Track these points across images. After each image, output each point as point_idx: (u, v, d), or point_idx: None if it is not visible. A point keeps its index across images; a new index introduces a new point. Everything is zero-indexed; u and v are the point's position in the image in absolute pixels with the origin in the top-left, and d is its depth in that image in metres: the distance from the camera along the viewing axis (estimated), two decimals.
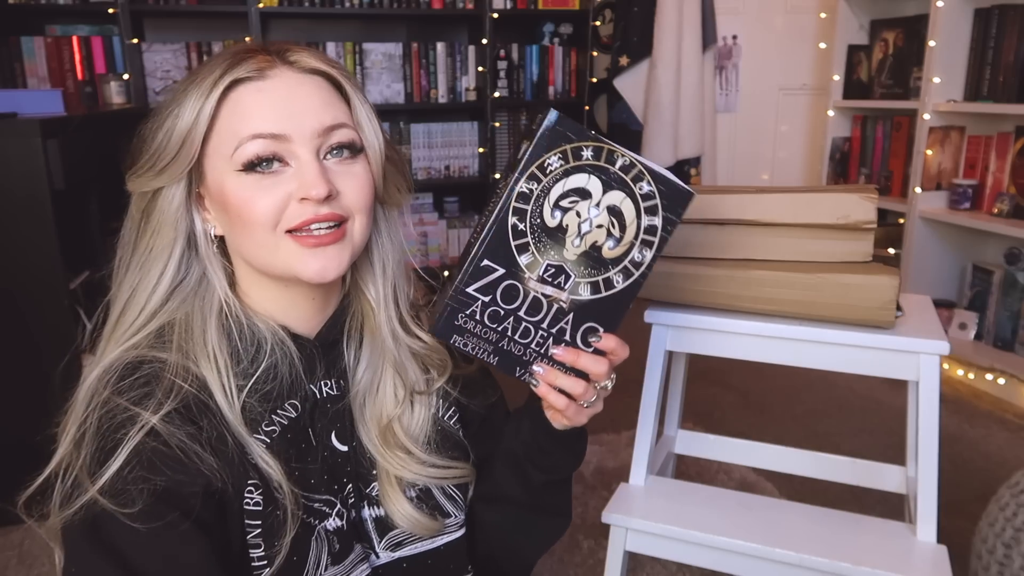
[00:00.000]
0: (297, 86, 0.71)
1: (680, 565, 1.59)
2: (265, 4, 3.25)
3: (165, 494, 0.65)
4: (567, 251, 0.71)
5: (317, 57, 0.73)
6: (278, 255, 0.72)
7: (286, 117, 0.70)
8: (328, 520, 0.77)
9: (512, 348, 0.73)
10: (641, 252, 0.72)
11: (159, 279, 0.74)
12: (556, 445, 0.82)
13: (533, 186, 0.69)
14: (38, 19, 3.16)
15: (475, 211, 3.86)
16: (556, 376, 0.73)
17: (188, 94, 0.70)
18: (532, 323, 0.72)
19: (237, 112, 0.70)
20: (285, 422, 0.76)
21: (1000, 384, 2.53)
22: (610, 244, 0.72)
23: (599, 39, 3.90)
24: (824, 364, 1.16)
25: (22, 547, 1.70)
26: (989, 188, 2.74)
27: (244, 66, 0.70)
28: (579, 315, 0.73)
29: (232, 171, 0.70)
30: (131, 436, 0.66)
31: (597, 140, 0.70)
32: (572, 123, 0.70)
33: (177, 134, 0.70)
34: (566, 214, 0.70)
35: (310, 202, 0.70)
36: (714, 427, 2.18)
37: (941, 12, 2.71)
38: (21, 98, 2.19)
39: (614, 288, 0.73)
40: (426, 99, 3.61)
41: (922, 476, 1.12)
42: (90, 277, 2.00)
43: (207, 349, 0.73)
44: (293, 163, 0.70)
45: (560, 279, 0.71)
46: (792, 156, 3.86)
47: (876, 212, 1.14)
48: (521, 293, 0.71)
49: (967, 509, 1.65)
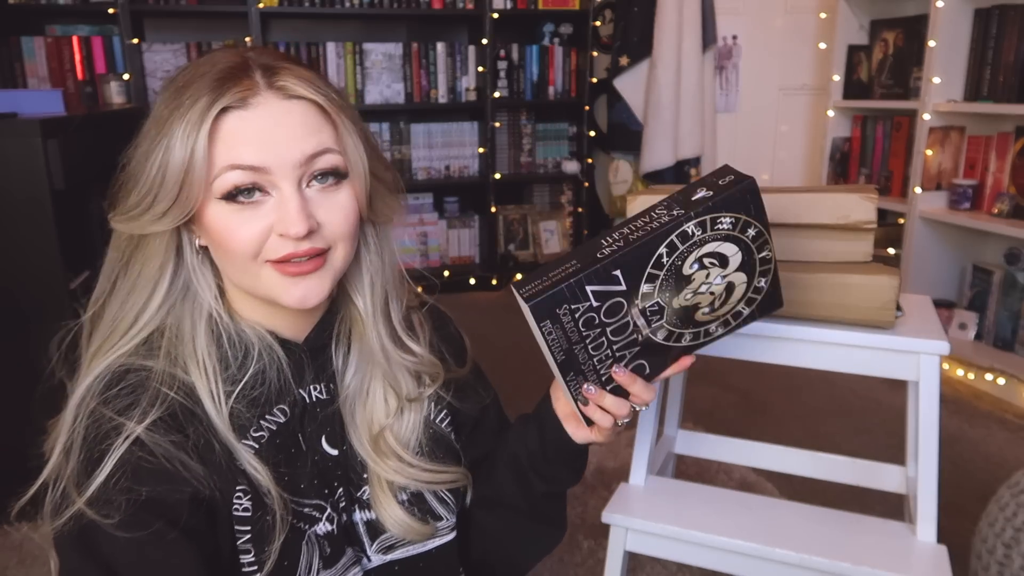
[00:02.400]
0: (282, 115, 0.68)
1: (680, 565, 1.59)
2: (265, 4, 3.25)
3: (151, 504, 0.65)
4: (677, 299, 0.73)
5: (304, 82, 0.70)
6: (259, 282, 0.72)
7: (267, 148, 0.67)
8: (319, 525, 0.77)
9: (580, 354, 0.73)
10: (717, 327, 0.76)
11: (150, 297, 0.73)
12: (562, 458, 0.83)
13: (698, 232, 0.70)
14: (38, 19, 3.16)
15: (475, 211, 3.86)
16: (604, 397, 0.76)
17: (174, 125, 0.67)
18: (608, 340, 0.73)
19: (218, 139, 0.68)
20: (274, 427, 0.76)
21: (1000, 384, 2.53)
22: (706, 310, 0.75)
23: (599, 39, 3.90)
24: (824, 364, 1.16)
25: (22, 547, 1.70)
26: (989, 188, 2.74)
27: (229, 93, 0.67)
28: (642, 351, 0.75)
29: (212, 198, 0.69)
30: (116, 447, 0.66)
31: (765, 227, 0.73)
32: (759, 199, 0.72)
33: (173, 173, 0.67)
34: (700, 270, 0.72)
35: (288, 238, 0.69)
36: (714, 427, 2.18)
37: (941, 12, 2.71)
38: (21, 98, 2.19)
39: (679, 344, 0.76)
40: (426, 99, 3.61)
41: (922, 476, 1.12)
42: (90, 277, 2.00)
43: (196, 355, 0.72)
44: (274, 193, 0.69)
45: (654, 318, 0.73)
46: (792, 156, 3.86)
47: (876, 212, 1.14)
48: (623, 313, 0.72)
49: (967, 509, 1.65)
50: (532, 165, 3.90)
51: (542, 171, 3.93)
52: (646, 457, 1.31)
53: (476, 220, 3.85)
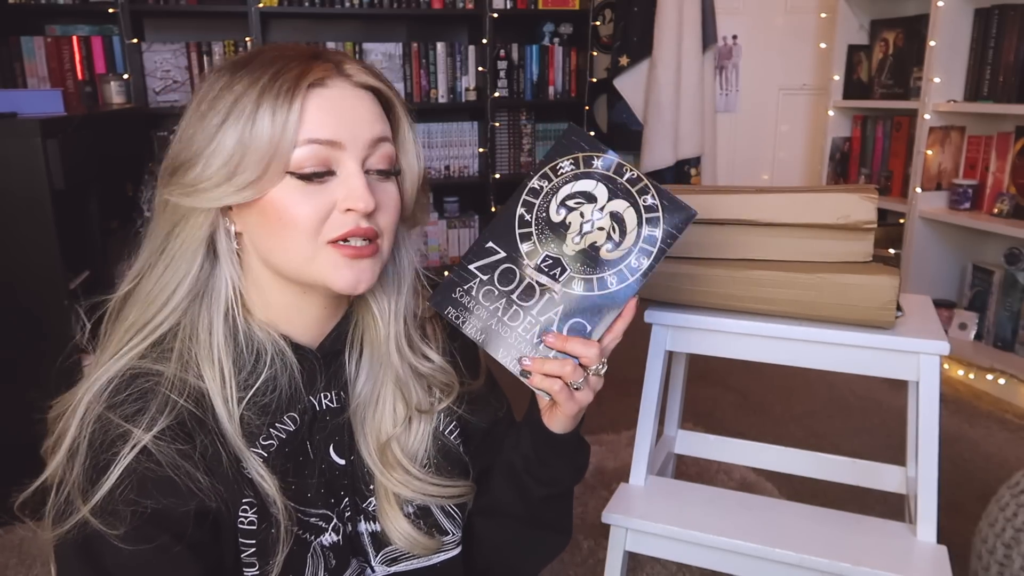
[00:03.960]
0: (353, 98, 0.71)
1: (680, 565, 1.59)
2: (265, 4, 3.25)
3: (155, 517, 0.64)
4: (567, 246, 0.75)
5: (370, 72, 0.73)
6: (314, 264, 0.70)
7: (343, 124, 0.69)
8: (324, 535, 0.76)
9: (500, 329, 0.75)
10: (639, 259, 0.75)
11: (181, 281, 0.72)
12: (555, 455, 0.81)
13: (544, 184, 0.76)
14: (38, 19, 3.16)
15: (475, 211, 3.86)
16: (543, 363, 0.73)
17: (260, 96, 0.67)
18: (523, 307, 0.75)
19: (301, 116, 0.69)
20: (283, 435, 0.74)
21: (1000, 384, 2.53)
22: (609, 247, 0.75)
23: (599, 39, 3.90)
24: (824, 364, 1.16)
25: (22, 547, 1.70)
26: (989, 188, 2.74)
27: (313, 69, 0.69)
28: (568, 309, 0.75)
29: (281, 173, 0.68)
30: (123, 456, 0.65)
31: (611, 153, 0.76)
32: (585, 135, 0.77)
33: (259, 146, 0.67)
34: (571, 212, 0.75)
35: (354, 214, 0.69)
36: (714, 427, 2.18)
37: (941, 12, 2.71)
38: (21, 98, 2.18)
39: (607, 288, 0.75)
40: (426, 99, 3.61)
41: (922, 476, 1.12)
42: (90, 277, 2.00)
43: (212, 354, 0.71)
44: (340, 172, 0.69)
45: (556, 271, 0.75)
46: (792, 156, 3.86)
47: (876, 212, 1.14)
48: (517, 277, 0.75)
49: (967, 509, 1.65)
50: (532, 165, 3.90)
51: None
52: (646, 457, 1.31)
53: (476, 220, 3.85)
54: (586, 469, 0.85)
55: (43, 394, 0.74)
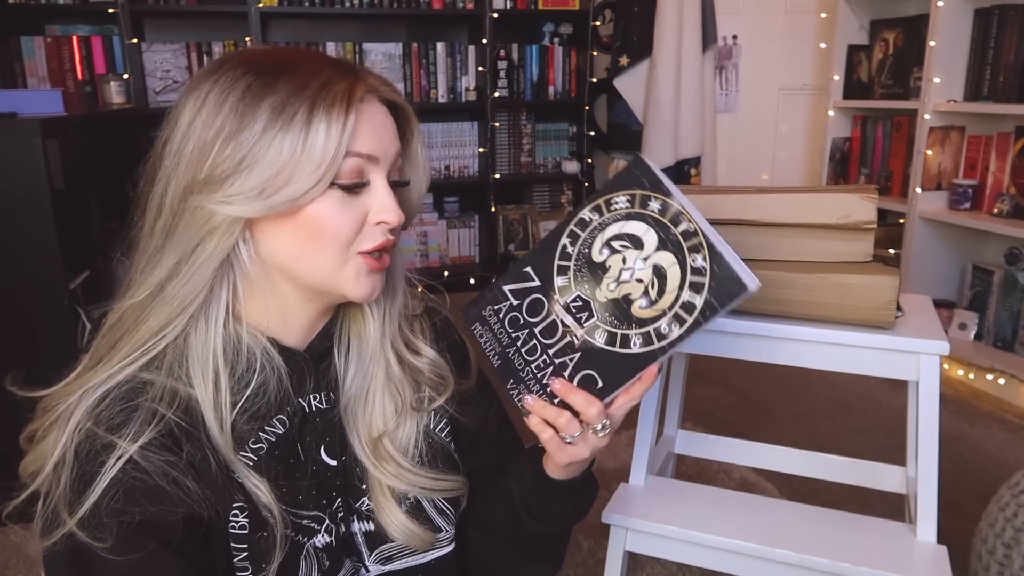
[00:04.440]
0: (383, 113, 0.72)
1: (680, 565, 1.59)
2: (265, 4, 3.25)
3: (144, 526, 0.64)
4: (600, 291, 0.69)
5: (391, 88, 0.74)
6: (342, 273, 0.71)
7: (378, 139, 0.70)
8: (317, 537, 0.76)
9: (515, 359, 0.73)
10: (670, 326, 0.67)
11: (198, 294, 0.69)
12: (554, 497, 0.79)
13: (594, 216, 0.70)
14: (38, 19, 3.16)
15: (475, 211, 3.86)
16: (544, 407, 0.71)
17: (312, 104, 0.66)
18: (541, 344, 0.72)
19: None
20: (273, 438, 0.74)
21: (1000, 384, 2.53)
22: (642, 303, 0.68)
23: (599, 39, 3.90)
24: (824, 364, 1.16)
25: (22, 547, 1.70)
26: (989, 188, 2.74)
27: (360, 86, 0.69)
28: (585, 358, 0.70)
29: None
30: (108, 467, 0.64)
31: (669, 196, 0.67)
32: (650, 170, 0.68)
33: (312, 157, 0.66)
34: (613, 255, 0.69)
35: (385, 226, 0.71)
36: (714, 427, 2.18)
37: (941, 12, 2.71)
38: (21, 98, 2.18)
39: (628, 348, 0.68)
40: (426, 99, 3.61)
41: (922, 476, 1.12)
42: (90, 277, 2.00)
43: (208, 363, 0.70)
44: (371, 183, 0.71)
45: (583, 315, 0.70)
46: (792, 156, 3.86)
47: (876, 212, 1.14)
48: (544, 311, 0.72)
49: (967, 509, 1.65)
50: (532, 165, 3.90)
51: (542, 171, 3.93)
52: (646, 457, 1.31)
53: (476, 220, 3.85)
54: (588, 511, 0.83)
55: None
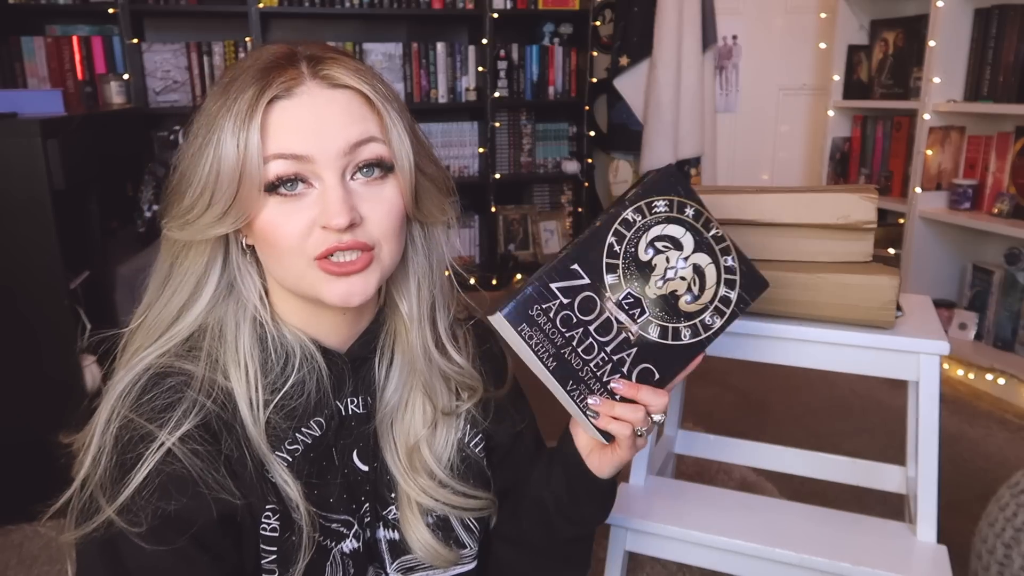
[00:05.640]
0: (326, 103, 0.67)
1: (680, 565, 1.59)
2: (265, 4, 3.25)
3: (178, 521, 0.64)
4: (649, 288, 0.74)
5: (351, 72, 0.68)
6: (304, 280, 0.69)
7: (311, 136, 0.66)
8: (345, 542, 0.75)
9: (572, 359, 0.73)
10: (712, 318, 0.76)
11: (193, 295, 0.71)
12: (589, 497, 0.80)
13: (637, 218, 0.74)
14: (38, 19, 3.16)
15: (475, 211, 3.86)
16: (613, 406, 0.73)
17: (224, 120, 0.65)
18: (598, 342, 0.73)
19: (265, 131, 0.66)
20: (309, 440, 0.73)
21: (1000, 384, 2.52)
22: (688, 299, 0.75)
23: (599, 39, 3.90)
24: (824, 364, 1.16)
25: (22, 547, 1.70)
26: (989, 188, 2.74)
27: (276, 83, 0.66)
28: (641, 352, 0.74)
29: (260, 195, 0.67)
30: (147, 457, 0.64)
31: (702, 205, 0.76)
32: (684, 180, 0.76)
33: (227, 171, 0.65)
34: (657, 255, 0.74)
35: (332, 230, 0.67)
36: (714, 427, 2.18)
37: (941, 12, 2.70)
38: (21, 98, 2.19)
39: (680, 340, 0.75)
40: (426, 99, 3.61)
41: (922, 476, 1.12)
42: (90, 277, 2.00)
43: (239, 356, 0.70)
44: (317, 184, 0.67)
45: (636, 311, 0.74)
46: (792, 156, 3.86)
47: (876, 212, 1.14)
48: (598, 309, 0.73)
49: (967, 509, 1.65)
50: (532, 165, 3.90)
51: (542, 171, 3.92)
52: (646, 457, 1.31)
53: (476, 220, 3.84)
54: (611, 510, 0.84)
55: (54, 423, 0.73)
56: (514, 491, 0.87)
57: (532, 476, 0.85)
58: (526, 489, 0.84)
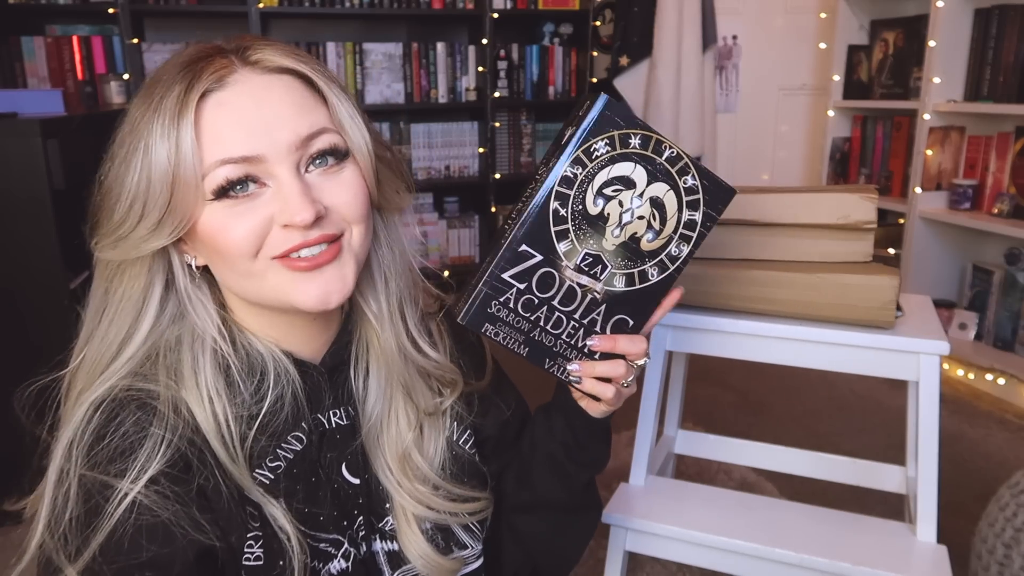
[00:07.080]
0: (264, 92, 0.62)
1: (680, 565, 1.59)
2: (265, 4, 3.25)
3: (152, 570, 0.59)
4: (606, 240, 0.69)
5: (283, 52, 0.64)
6: (267, 284, 0.64)
7: (257, 133, 0.61)
8: (332, 563, 0.72)
9: (543, 339, 0.71)
10: (679, 247, 0.72)
11: (135, 324, 0.66)
12: (593, 437, 0.80)
13: (577, 171, 0.66)
14: (38, 19, 3.15)
15: (475, 211, 3.86)
16: (594, 367, 0.72)
17: (150, 123, 0.60)
18: (565, 313, 0.70)
19: (201, 132, 0.61)
20: (290, 455, 0.70)
21: (1000, 384, 2.53)
22: (649, 236, 0.70)
23: (599, 39, 3.90)
24: (824, 364, 1.16)
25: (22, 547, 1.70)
26: (989, 188, 2.74)
27: (204, 75, 0.60)
28: (611, 306, 0.72)
29: (203, 200, 0.62)
30: (110, 511, 0.59)
31: (646, 129, 0.67)
32: (622, 109, 0.66)
33: (159, 176, 0.60)
34: (609, 203, 0.68)
35: (295, 228, 0.62)
36: (714, 427, 2.18)
37: (941, 12, 2.70)
38: (21, 98, 2.19)
39: (648, 281, 0.72)
40: (426, 99, 3.60)
41: (922, 476, 1.12)
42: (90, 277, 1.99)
43: (201, 394, 0.65)
44: (271, 183, 0.62)
45: (596, 269, 0.70)
46: (792, 156, 3.86)
47: (876, 212, 1.14)
48: (556, 281, 0.69)
49: (967, 509, 1.65)
50: (532, 165, 3.89)
51: None
52: (646, 457, 1.31)
53: (476, 220, 3.84)
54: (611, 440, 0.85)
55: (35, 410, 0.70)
56: (516, 462, 0.85)
57: (531, 438, 0.83)
58: (529, 453, 0.83)
